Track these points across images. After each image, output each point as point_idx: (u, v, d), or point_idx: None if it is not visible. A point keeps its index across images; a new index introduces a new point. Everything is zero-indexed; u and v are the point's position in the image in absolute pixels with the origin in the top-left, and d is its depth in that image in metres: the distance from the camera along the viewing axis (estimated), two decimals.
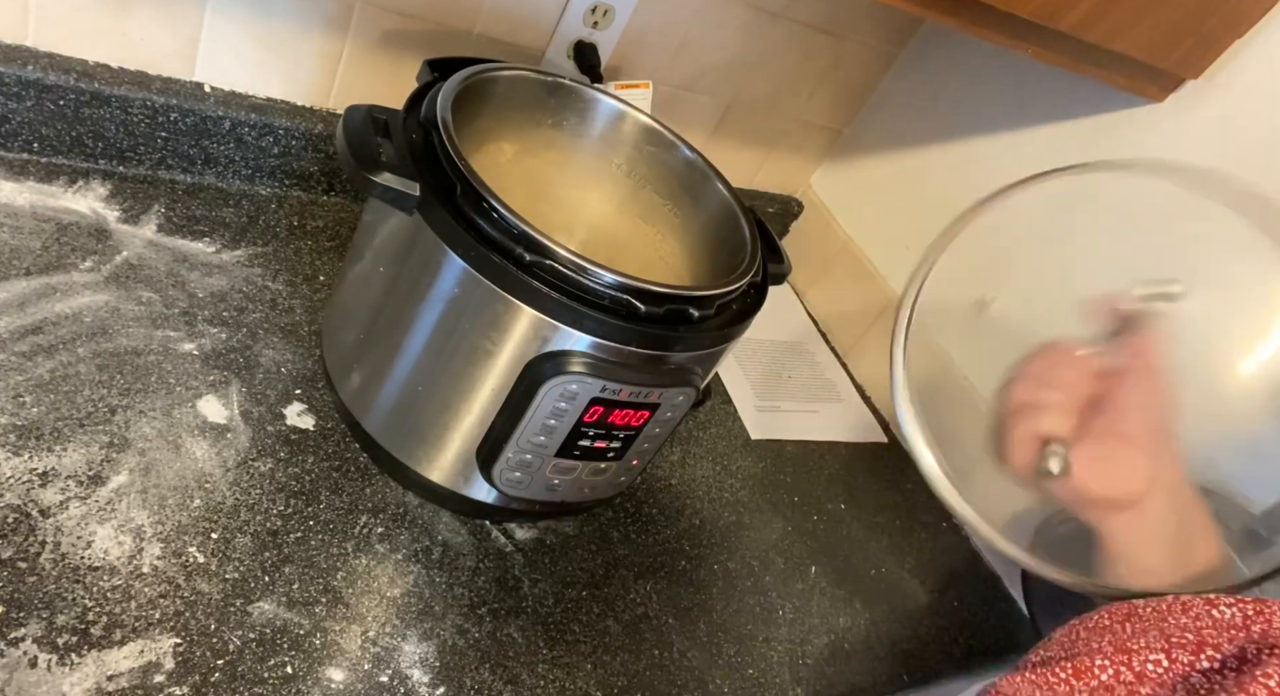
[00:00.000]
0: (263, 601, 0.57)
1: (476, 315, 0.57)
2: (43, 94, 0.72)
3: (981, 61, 1.01)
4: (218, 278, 0.75)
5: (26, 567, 0.52)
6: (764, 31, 0.98)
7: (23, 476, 0.56)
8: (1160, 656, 0.40)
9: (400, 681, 0.57)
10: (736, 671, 0.70)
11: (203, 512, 0.59)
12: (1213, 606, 0.42)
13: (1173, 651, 0.40)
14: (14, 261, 0.67)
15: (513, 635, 0.64)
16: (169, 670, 0.51)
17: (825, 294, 1.18)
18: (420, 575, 0.64)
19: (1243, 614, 0.41)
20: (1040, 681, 0.41)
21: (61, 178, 0.75)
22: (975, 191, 1.01)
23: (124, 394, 0.63)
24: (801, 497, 0.90)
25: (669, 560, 0.76)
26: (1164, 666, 0.40)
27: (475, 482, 0.65)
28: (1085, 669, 0.41)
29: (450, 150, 0.57)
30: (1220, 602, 0.42)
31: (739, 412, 0.95)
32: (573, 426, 0.60)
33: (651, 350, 0.58)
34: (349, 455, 0.68)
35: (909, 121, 1.10)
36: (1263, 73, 0.77)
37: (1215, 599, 0.42)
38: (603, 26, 0.89)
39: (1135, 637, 0.42)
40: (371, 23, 0.81)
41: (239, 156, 0.83)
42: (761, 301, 0.65)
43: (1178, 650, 0.40)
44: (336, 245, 0.85)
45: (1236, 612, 0.41)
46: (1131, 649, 0.41)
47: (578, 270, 0.55)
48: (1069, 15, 0.69)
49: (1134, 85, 0.82)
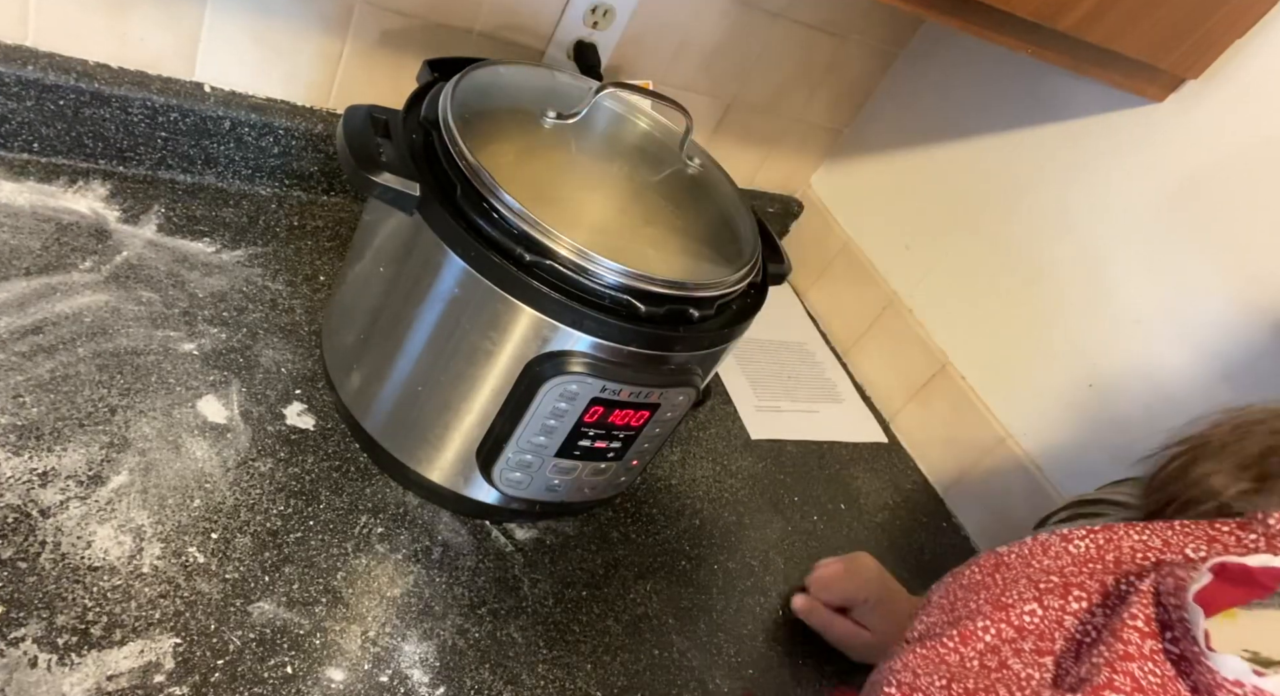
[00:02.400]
0: (263, 601, 0.57)
1: (476, 315, 0.57)
2: (43, 94, 0.72)
3: (981, 61, 1.01)
4: (218, 278, 0.75)
5: (26, 567, 0.52)
6: (764, 31, 0.98)
7: (23, 476, 0.56)
8: (1034, 605, 0.42)
9: (400, 681, 0.57)
10: (736, 671, 0.70)
11: (203, 512, 0.59)
12: (1068, 541, 0.44)
13: (1043, 598, 0.42)
14: (14, 261, 0.67)
15: (513, 635, 0.64)
16: (169, 670, 0.51)
17: (825, 294, 1.18)
18: (420, 575, 0.64)
19: (1095, 545, 0.43)
20: (931, 655, 0.43)
21: (61, 178, 0.75)
22: (975, 191, 1.01)
23: (124, 394, 0.63)
24: (801, 497, 0.90)
25: (669, 560, 0.76)
26: (1039, 615, 0.41)
27: (475, 482, 0.65)
28: (970, 633, 0.42)
29: (450, 150, 0.57)
30: (1074, 537, 0.44)
31: (739, 412, 0.95)
32: (573, 426, 0.60)
33: (652, 350, 0.58)
34: (349, 455, 0.68)
35: (909, 121, 1.10)
36: (1263, 73, 0.77)
37: (1069, 534, 0.44)
38: (603, 26, 0.89)
39: (1008, 590, 0.43)
40: (371, 22, 0.81)
41: (239, 156, 0.83)
42: (761, 301, 0.65)
43: (1048, 596, 0.42)
44: (336, 245, 0.85)
45: (1089, 544, 0.43)
46: (1007, 603, 0.42)
47: (578, 270, 0.55)
48: (1069, 15, 0.69)
49: (1134, 85, 0.82)
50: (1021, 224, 0.96)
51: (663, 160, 0.69)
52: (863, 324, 1.12)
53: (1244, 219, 0.78)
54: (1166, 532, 0.42)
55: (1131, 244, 0.86)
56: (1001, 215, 0.98)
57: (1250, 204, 0.78)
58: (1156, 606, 0.38)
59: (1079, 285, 0.90)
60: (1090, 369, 0.89)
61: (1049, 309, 0.93)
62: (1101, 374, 0.88)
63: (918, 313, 1.06)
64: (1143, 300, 0.85)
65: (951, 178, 1.04)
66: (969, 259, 1.01)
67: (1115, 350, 0.87)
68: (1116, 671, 0.36)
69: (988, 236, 0.99)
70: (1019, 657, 0.40)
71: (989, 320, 0.98)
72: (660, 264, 0.58)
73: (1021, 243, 0.96)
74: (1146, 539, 0.42)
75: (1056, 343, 0.92)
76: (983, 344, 0.99)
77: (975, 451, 0.97)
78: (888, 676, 0.44)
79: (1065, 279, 0.91)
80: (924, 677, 0.42)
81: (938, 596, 0.47)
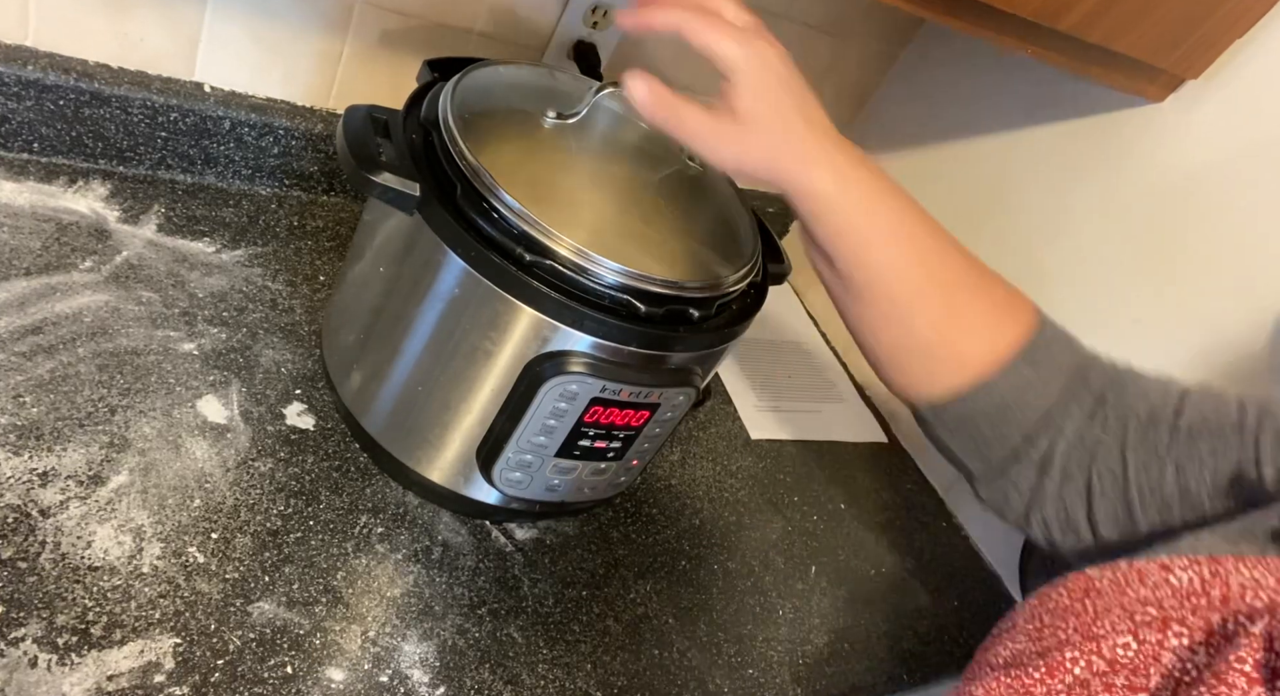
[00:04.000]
0: (263, 601, 0.57)
1: (476, 315, 0.57)
2: (43, 94, 0.72)
3: (982, 61, 1.01)
4: (218, 278, 0.75)
5: (26, 567, 0.52)
6: None
7: (23, 476, 0.56)
8: (1128, 638, 0.39)
9: (400, 681, 0.57)
10: (736, 671, 0.70)
11: (203, 512, 0.59)
12: (1169, 572, 0.41)
13: (1139, 631, 0.39)
14: (14, 261, 0.67)
15: (513, 635, 0.64)
16: (169, 670, 0.51)
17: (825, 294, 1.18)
18: (420, 575, 0.64)
19: (1199, 577, 0.41)
20: (1016, 685, 0.40)
21: (61, 178, 0.75)
22: (975, 191, 1.01)
23: (124, 394, 0.63)
24: (801, 497, 0.90)
25: (669, 560, 0.76)
26: (1134, 649, 0.39)
27: (475, 482, 0.65)
28: (1057, 664, 0.40)
29: (450, 150, 0.57)
30: (1175, 566, 0.41)
31: (739, 412, 0.95)
32: (573, 426, 0.60)
33: (651, 350, 0.58)
34: (349, 455, 0.68)
35: (909, 121, 1.10)
36: (1263, 73, 0.77)
37: (1169, 562, 0.42)
38: (603, 26, 0.89)
39: (1099, 620, 0.41)
40: (371, 23, 0.81)
41: (239, 156, 0.83)
42: (761, 301, 0.65)
43: (1144, 629, 0.39)
44: (336, 245, 0.85)
45: (1193, 576, 0.41)
46: (1099, 634, 0.40)
47: (578, 270, 0.55)
48: (1069, 15, 0.69)
49: (1134, 85, 0.82)
50: (1021, 224, 0.96)
51: (663, 160, 0.69)
52: None
53: (1244, 219, 0.78)
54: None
55: (1131, 244, 0.86)
56: (1001, 215, 0.98)
57: (1250, 204, 0.78)
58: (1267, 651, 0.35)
59: (1078, 285, 0.90)
60: None
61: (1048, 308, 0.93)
62: None
63: None
64: (1142, 300, 0.85)
65: (951, 178, 1.04)
66: None
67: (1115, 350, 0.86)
68: None
69: (988, 236, 0.99)
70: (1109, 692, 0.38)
71: None
72: (660, 264, 0.58)
73: (1021, 242, 0.96)
74: (1259, 577, 0.39)
75: None
76: None
77: None
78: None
79: (1065, 278, 0.91)
80: None
81: (1023, 620, 0.45)
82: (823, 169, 0.52)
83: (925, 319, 0.55)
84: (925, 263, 0.54)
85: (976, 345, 0.55)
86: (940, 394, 0.57)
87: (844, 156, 0.53)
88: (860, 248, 0.54)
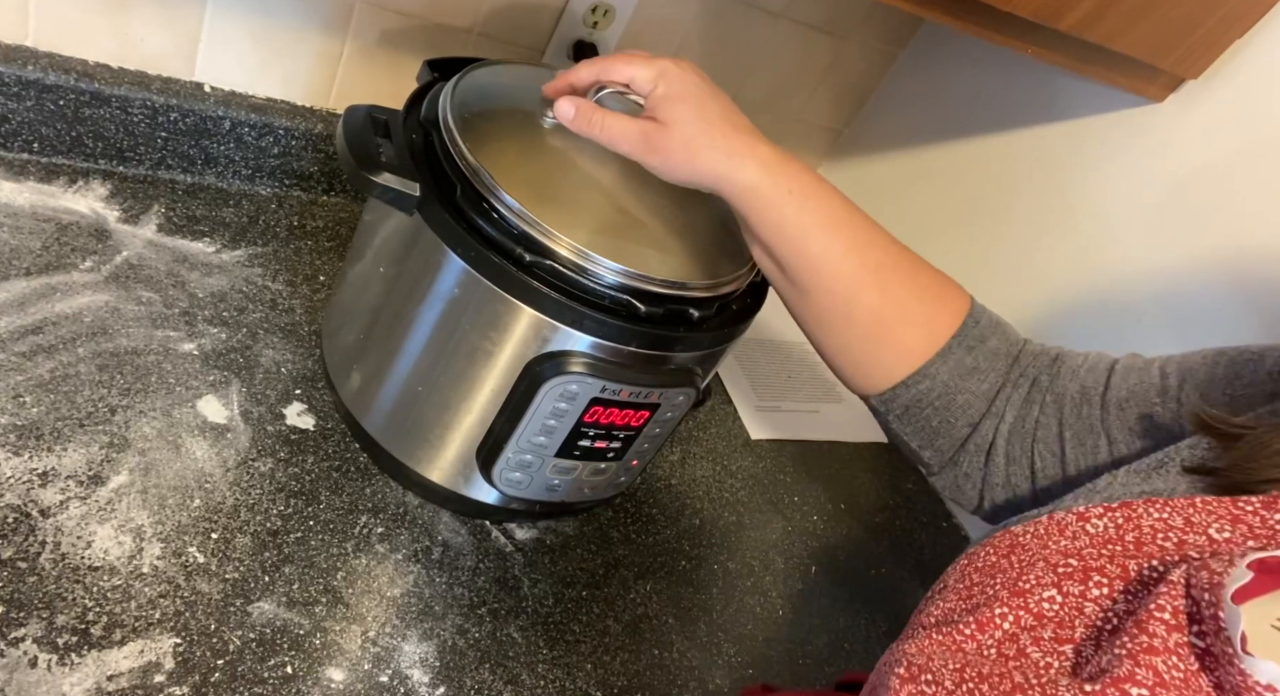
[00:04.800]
0: (263, 601, 0.57)
1: (476, 315, 0.57)
2: (43, 94, 0.72)
3: (981, 61, 1.01)
4: (218, 278, 0.75)
5: (26, 567, 0.52)
6: (764, 31, 0.98)
7: (23, 476, 0.56)
8: (1053, 591, 0.41)
9: (400, 681, 0.57)
10: (736, 671, 0.70)
11: (203, 512, 0.59)
12: (1085, 521, 0.43)
13: (1062, 583, 0.41)
14: (14, 261, 0.67)
15: (513, 635, 0.64)
16: (169, 670, 0.51)
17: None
18: (420, 575, 0.64)
19: (1114, 523, 0.42)
20: (947, 641, 0.42)
21: (61, 178, 0.75)
22: (975, 191, 1.01)
23: (124, 394, 0.63)
24: (801, 497, 0.90)
25: (669, 560, 0.76)
26: (1058, 602, 0.40)
27: (475, 483, 0.65)
28: (987, 621, 0.41)
29: (450, 150, 0.57)
30: (1090, 515, 0.43)
31: (739, 412, 0.95)
32: (573, 426, 0.60)
33: (652, 350, 0.58)
34: (349, 455, 0.68)
35: (909, 121, 1.10)
36: (1263, 73, 0.77)
37: (1085, 512, 0.43)
38: (603, 26, 0.89)
39: (1025, 574, 0.42)
40: (371, 23, 0.81)
41: (239, 156, 0.83)
42: (761, 301, 0.65)
43: (1066, 581, 0.41)
44: (336, 245, 0.85)
45: (1108, 523, 0.42)
46: (1025, 589, 0.41)
47: (578, 270, 0.55)
48: (1069, 15, 0.69)
49: (1134, 85, 0.82)
50: (1021, 223, 0.96)
51: None
52: None
53: (1244, 219, 0.78)
54: (1188, 510, 0.41)
55: (1131, 243, 0.86)
56: (1001, 215, 0.98)
57: (1250, 204, 0.78)
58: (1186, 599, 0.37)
59: (1079, 285, 0.90)
60: None
61: (1048, 308, 0.93)
62: None
63: None
64: (1143, 299, 0.85)
65: (951, 178, 1.04)
66: (969, 259, 1.01)
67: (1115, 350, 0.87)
68: (1139, 664, 0.35)
69: (988, 236, 0.99)
70: (1038, 646, 0.39)
71: None
72: (660, 264, 0.58)
73: (1021, 242, 0.96)
74: (1167, 517, 0.41)
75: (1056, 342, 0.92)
76: None
77: None
78: (899, 657, 0.43)
79: (1065, 278, 0.91)
80: (937, 661, 0.41)
81: (954, 580, 0.46)
82: (749, 162, 0.54)
83: (864, 307, 0.57)
84: (858, 250, 0.56)
85: (914, 332, 0.57)
86: (887, 383, 0.59)
87: (769, 150, 0.55)
88: (799, 239, 0.56)
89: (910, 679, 0.41)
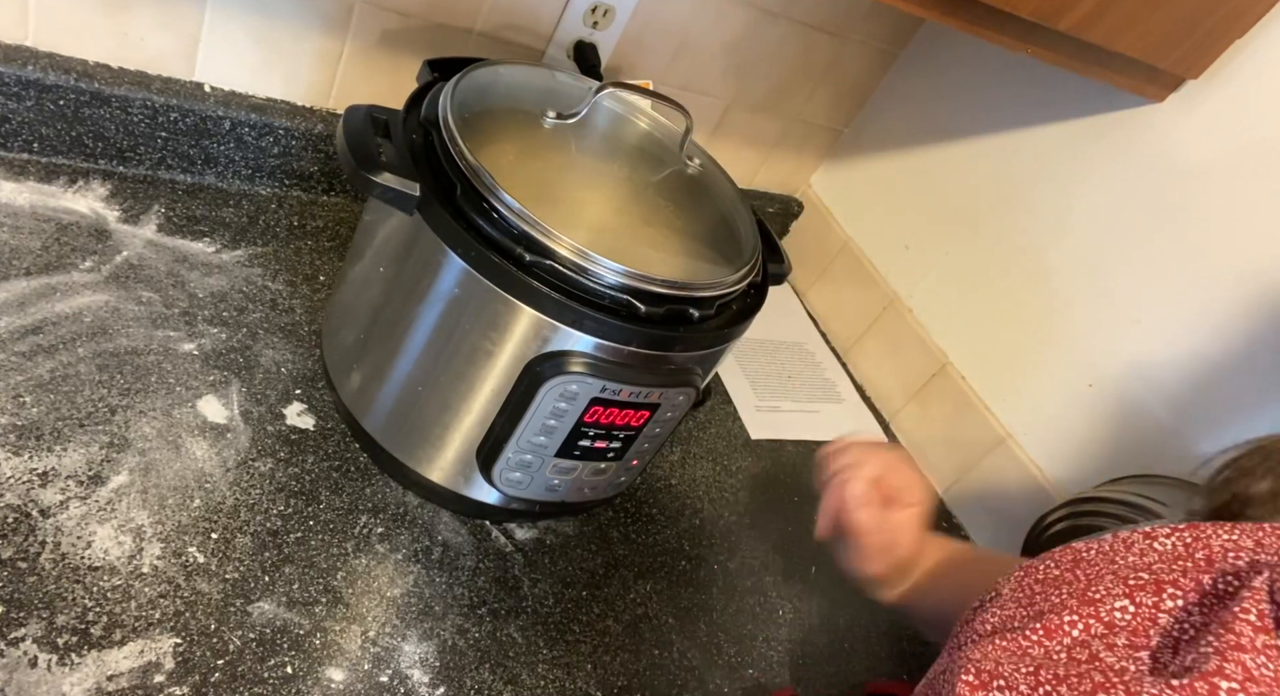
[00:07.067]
0: (263, 601, 0.57)
1: (476, 315, 0.57)
2: (43, 94, 0.72)
3: (981, 61, 1.01)
4: (218, 278, 0.75)
5: (26, 567, 0.52)
6: (764, 31, 0.98)
7: (23, 476, 0.56)
8: (1125, 602, 0.40)
9: (400, 681, 0.57)
10: (736, 671, 0.70)
11: (203, 512, 0.59)
12: (1152, 539, 0.43)
13: (1134, 595, 0.40)
14: (14, 261, 0.67)
15: (513, 635, 0.64)
16: (169, 670, 0.51)
17: (825, 294, 1.18)
18: (420, 575, 0.64)
19: (1183, 542, 0.42)
20: (1013, 647, 0.41)
21: (61, 178, 0.75)
22: (975, 191, 1.01)
23: (124, 394, 0.63)
24: (801, 497, 0.90)
25: (669, 560, 0.76)
26: (1131, 611, 0.40)
27: (475, 482, 0.65)
28: (1055, 627, 0.41)
29: (450, 150, 0.57)
30: (1158, 534, 0.43)
31: (739, 412, 0.95)
32: (573, 426, 0.60)
33: (652, 350, 0.58)
34: (349, 455, 0.68)
35: (909, 121, 1.10)
36: (1263, 73, 0.77)
37: (1152, 531, 0.43)
38: (603, 26, 0.89)
39: (1093, 586, 0.42)
40: (371, 22, 0.81)
41: (239, 156, 0.83)
42: (761, 301, 0.65)
43: (1139, 593, 0.40)
44: (336, 245, 0.85)
45: (1176, 542, 0.42)
46: (1094, 599, 0.41)
47: (578, 270, 0.55)
48: (1069, 15, 0.69)
49: (1134, 85, 0.82)
50: (1021, 224, 0.96)
51: (663, 160, 0.69)
52: (863, 324, 1.12)
53: (1244, 219, 0.78)
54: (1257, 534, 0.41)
55: (1131, 243, 0.86)
56: (1001, 215, 0.98)
57: (1250, 203, 0.78)
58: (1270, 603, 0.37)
59: (1079, 285, 0.90)
60: (1090, 369, 0.89)
61: (1049, 309, 0.93)
62: (1101, 374, 0.88)
63: (918, 313, 1.06)
64: (1142, 300, 0.85)
65: (951, 178, 1.04)
66: (969, 259, 1.01)
67: (1115, 350, 0.87)
68: (1227, 660, 0.35)
69: (988, 236, 0.99)
70: (1112, 651, 0.39)
71: (989, 320, 0.98)
72: (660, 264, 0.58)
73: (1021, 242, 0.96)
74: (1237, 538, 0.41)
75: (1056, 343, 0.92)
76: (983, 344, 0.99)
77: (975, 451, 0.97)
78: (964, 664, 0.42)
79: (1065, 278, 0.91)
80: (1007, 666, 0.40)
81: (1009, 589, 0.45)
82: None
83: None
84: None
85: None
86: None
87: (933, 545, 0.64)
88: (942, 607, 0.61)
89: (981, 686, 0.40)
